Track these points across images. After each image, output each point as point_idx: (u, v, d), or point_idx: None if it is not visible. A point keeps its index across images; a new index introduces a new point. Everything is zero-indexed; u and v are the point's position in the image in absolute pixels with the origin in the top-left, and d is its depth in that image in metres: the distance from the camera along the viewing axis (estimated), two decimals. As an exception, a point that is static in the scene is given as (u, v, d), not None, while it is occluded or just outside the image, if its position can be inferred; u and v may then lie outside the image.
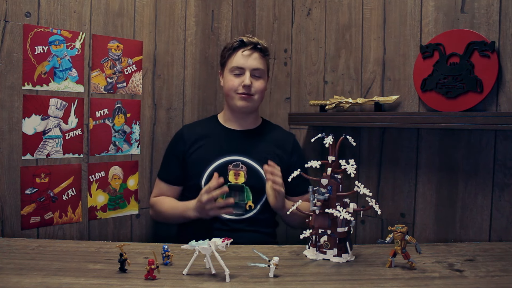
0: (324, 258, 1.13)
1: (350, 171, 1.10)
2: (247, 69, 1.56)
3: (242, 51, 1.56)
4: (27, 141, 1.52)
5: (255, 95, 1.58)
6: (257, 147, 1.61)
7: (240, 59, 1.56)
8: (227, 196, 1.49)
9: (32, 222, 1.54)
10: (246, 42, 1.57)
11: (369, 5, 1.77)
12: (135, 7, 1.79)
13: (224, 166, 1.55)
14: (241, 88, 1.55)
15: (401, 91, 1.67)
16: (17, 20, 1.49)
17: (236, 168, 1.55)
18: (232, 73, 1.58)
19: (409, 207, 1.66)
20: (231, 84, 1.57)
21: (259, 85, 1.58)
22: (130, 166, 1.80)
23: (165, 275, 0.99)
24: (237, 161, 1.56)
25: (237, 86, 1.56)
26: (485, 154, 1.46)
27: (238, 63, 1.56)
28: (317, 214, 1.14)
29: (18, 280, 0.95)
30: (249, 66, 1.56)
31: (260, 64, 1.58)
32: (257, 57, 1.58)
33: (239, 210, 1.53)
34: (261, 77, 1.59)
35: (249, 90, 1.56)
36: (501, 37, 1.40)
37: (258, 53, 1.58)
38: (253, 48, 1.58)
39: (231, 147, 1.58)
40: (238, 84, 1.56)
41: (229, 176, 1.55)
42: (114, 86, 1.74)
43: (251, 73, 1.56)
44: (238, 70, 1.56)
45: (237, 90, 1.56)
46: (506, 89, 1.40)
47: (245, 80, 1.54)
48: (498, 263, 1.11)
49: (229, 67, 1.59)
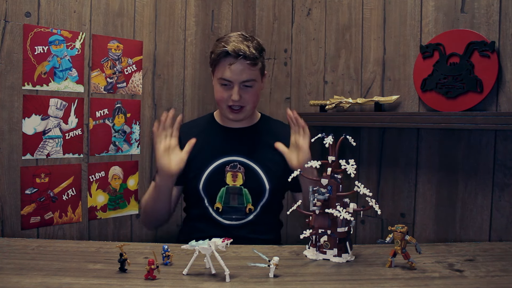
0: (324, 258, 1.13)
1: (350, 171, 1.10)
2: (235, 82, 1.40)
3: (229, 64, 1.38)
4: (27, 141, 1.52)
5: (246, 106, 1.45)
6: (255, 146, 1.52)
7: (227, 71, 1.39)
8: (225, 199, 1.45)
9: (32, 222, 1.54)
10: (232, 53, 1.37)
11: (369, 5, 1.77)
12: (135, 7, 1.79)
13: (221, 168, 1.47)
14: (230, 101, 1.42)
15: (401, 91, 1.67)
16: (17, 20, 1.49)
17: (234, 169, 1.47)
18: (220, 84, 1.43)
19: (409, 207, 1.66)
20: (220, 96, 1.44)
21: (250, 97, 1.44)
22: (130, 166, 1.80)
23: (165, 275, 0.99)
24: (234, 162, 1.47)
25: (226, 98, 1.43)
26: (485, 154, 1.46)
27: (225, 76, 1.40)
28: (317, 214, 1.14)
29: (18, 280, 0.95)
30: (237, 80, 1.40)
31: (249, 75, 1.41)
32: (245, 69, 1.39)
33: (238, 214, 1.47)
34: (252, 87, 1.43)
35: (239, 103, 1.43)
36: (501, 37, 1.40)
37: (247, 63, 1.39)
38: (241, 58, 1.38)
39: (228, 147, 1.50)
40: (227, 96, 1.42)
41: (227, 178, 1.47)
42: (114, 86, 1.74)
43: (240, 85, 1.41)
44: (226, 82, 1.41)
45: (227, 102, 1.44)
46: (506, 89, 1.40)
47: (233, 95, 1.40)
48: (498, 263, 1.11)
49: (216, 76, 1.45)
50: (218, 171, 1.47)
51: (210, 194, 1.47)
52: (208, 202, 1.48)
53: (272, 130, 1.58)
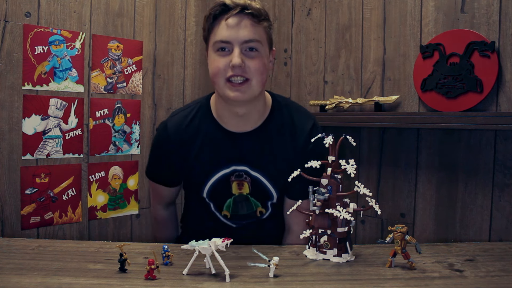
0: (324, 258, 1.13)
1: (350, 171, 1.10)
2: (234, 43, 1.13)
3: (226, 19, 1.14)
4: (27, 141, 1.52)
5: (251, 79, 1.15)
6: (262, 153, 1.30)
7: (224, 30, 1.14)
8: (233, 208, 1.36)
9: (32, 222, 1.54)
10: (230, 5, 1.14)
11: (369, 5, 1.77)
12: (135, 7, 1.79)
13: (226, 178, 1.31)
14: (229, 71, 1.14)
15: (401, 91, 1.67)
16: (17, 20, 1.49)
17: (239, 178, 1.30)
18: (216, 50, 1.16)
19: (409, 207, 1.66)
20: (215, 66, 1.16)
21: (255, 65, 1.15)
22: (130, 166, 1.80)
23: (165, 275, 0.99)
24: (239, 172, 1.30)
25: (223, 68, 1.14)
26: (485, 154, 1.46)
27: (222, 36, 1.14)
28: (317, 214, 1.14)
29: (18, 280, 0.95)
30: (238, 39, 1.13)
31: (253, 34, 1.14)
32: (247, 25, 1.14)
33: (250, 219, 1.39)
34: (257, 51, 1.16)
35: (240, 72, 1.13)
36: (501, 37, 1.40)
37: (249, 19, 1.14)
38: (241, 13, 1.14)
39: (233, 156, 1.29)
40: (224, 65, 1.14)
41: (233, 188, 1.32)
42: (114, 86, 1.74)
43: (242, 48, 1.14)
44: (223, 45, 1.15)
45: (225, 74, 1.14)
46: (506, 89, 1.40)
47: (233, 58, 1.12)
48: (498, 263, 1.11)
49: (212, 43, 1.18)
50: (223, 181, 1.32)
51: (217, 203, 1.37)
52: (214, 208, 1.38)
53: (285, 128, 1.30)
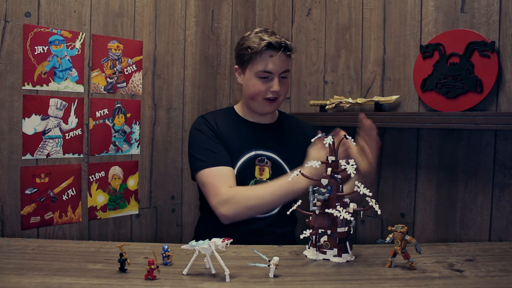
0: (324, 258, 1.13)
1: (350, 171, 1.10)
2: (275, 74, 1.45)
3: (271, 55, 1.43)
4: (27, 141, 1.52)
5: (279, 97, 1.49)
6: (281, 141, 1.56)
7: (269, 63, 1.43)
8: None
9: (32, 222, 1.54)
10: (275, 44, 1.42)
11: (369, 5, 1.77)
12: (135, 7, 1.79)
13: (251, 161, 1.49)
14: (269, 93, 1.46)
15: (401, 91, 1.67)
16: (17, 20, 1.49)
17: (261, 163, 1.50)
18: (259, 76, 1.45)
19: (409, 207, 1.66)
20: (258, 89, 1.46)
21: (285, 87, 1.50)
22: (130, 166, 1.80)
23: (165, 275, 0.99)
24: (262, 156, 1.50)
25: (264, 91, 1.46)
26: (485, 154, 1.46)
27: (267, 68, 1.43)
28: (317, 214, 1.14)
29: (18, 280, 0.95)
30: (278, 71, 1.45)
31: (287, 65, 1.48)
32: (284, 59, 1.46)
33: None
34: (287, 78, 1.50)
35: (277, 95, 1.47)
36: (501, 37, 1.40)
37: (285, 54, 1.46)
38: (282, 49, 1.44)
39: (256, 141, 1.51)
40: (265, 89, 1.45)
41: (255, 172, 1.49)
42: (114, 86, 1.74)
43: (279, 76, 1.46)
44: (267, 74, 1.44)
45: (264, 95, 1.46)
46: (506, 89, 1.40)
47: (274, 86, 1.44)
48: (498, 263, 1.11)
49: (254, 70, 1.45)
50: (248, 164, 1.49)
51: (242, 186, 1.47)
52: None
53: (294, 126, 1.64)
